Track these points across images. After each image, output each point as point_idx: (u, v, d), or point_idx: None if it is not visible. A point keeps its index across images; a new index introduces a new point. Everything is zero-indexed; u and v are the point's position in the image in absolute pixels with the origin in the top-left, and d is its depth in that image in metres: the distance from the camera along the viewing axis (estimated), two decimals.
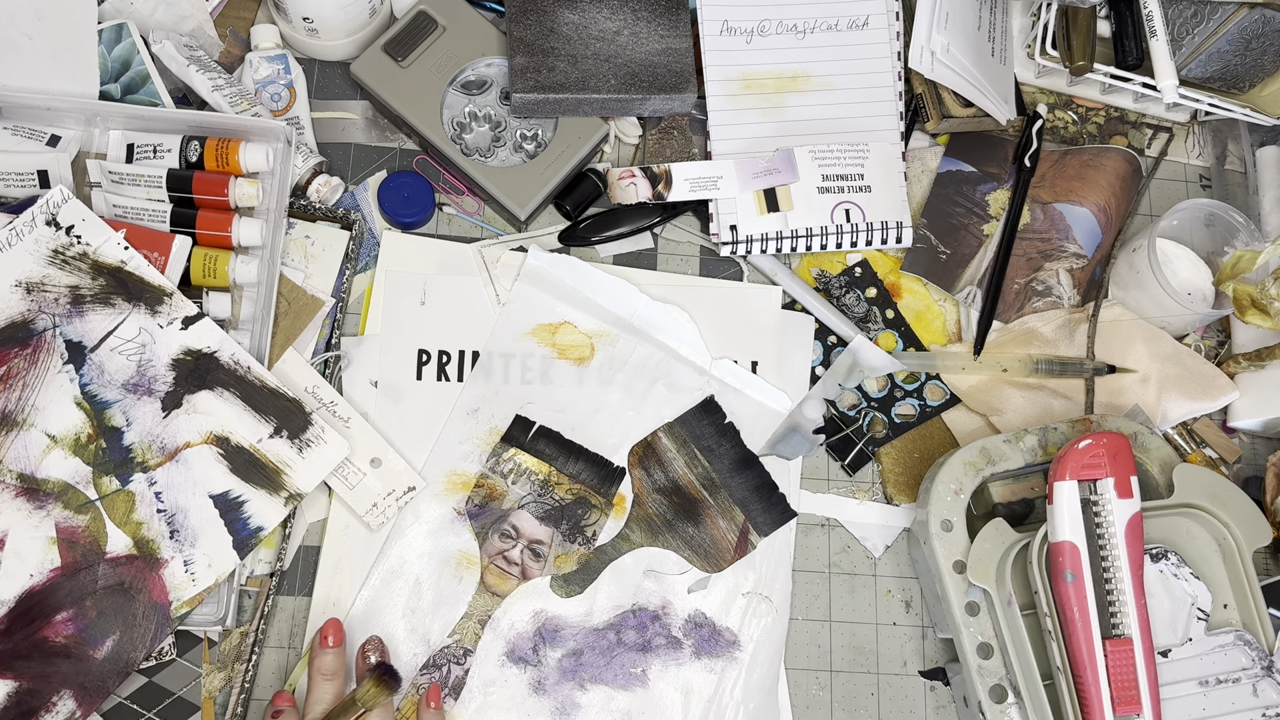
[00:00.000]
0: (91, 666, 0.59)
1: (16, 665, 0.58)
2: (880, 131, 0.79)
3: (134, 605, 0.60)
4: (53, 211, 0.65)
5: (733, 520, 0.71)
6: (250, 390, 0.65)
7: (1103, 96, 0.84)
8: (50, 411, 0.62)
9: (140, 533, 0.61)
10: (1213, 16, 0.76)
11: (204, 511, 0.62)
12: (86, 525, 0.61)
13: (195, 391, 0.64)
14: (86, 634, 0.59)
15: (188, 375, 0.64)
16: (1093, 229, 0.79)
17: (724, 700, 0.67)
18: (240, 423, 0.64)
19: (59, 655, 0.59)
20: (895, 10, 0.80)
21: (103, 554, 0.61)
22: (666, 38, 0.77)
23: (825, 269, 0.78)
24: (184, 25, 0.76)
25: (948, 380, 0.76)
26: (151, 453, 0.63)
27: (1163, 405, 0.75)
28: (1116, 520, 0.62)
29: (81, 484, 0.62)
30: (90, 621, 0.60)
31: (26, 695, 0.58)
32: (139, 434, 0.63)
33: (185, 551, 0.62)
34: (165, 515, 0.62)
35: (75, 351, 0.63)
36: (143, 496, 0.62)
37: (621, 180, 0.75)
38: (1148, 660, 0.61)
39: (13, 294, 0.63)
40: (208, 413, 0.64)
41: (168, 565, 0.61)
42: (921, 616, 0.72)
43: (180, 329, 0.65)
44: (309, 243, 0.74)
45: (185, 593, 0.61)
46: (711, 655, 0.68)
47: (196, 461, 0.63)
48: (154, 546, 0.61)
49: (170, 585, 0.61)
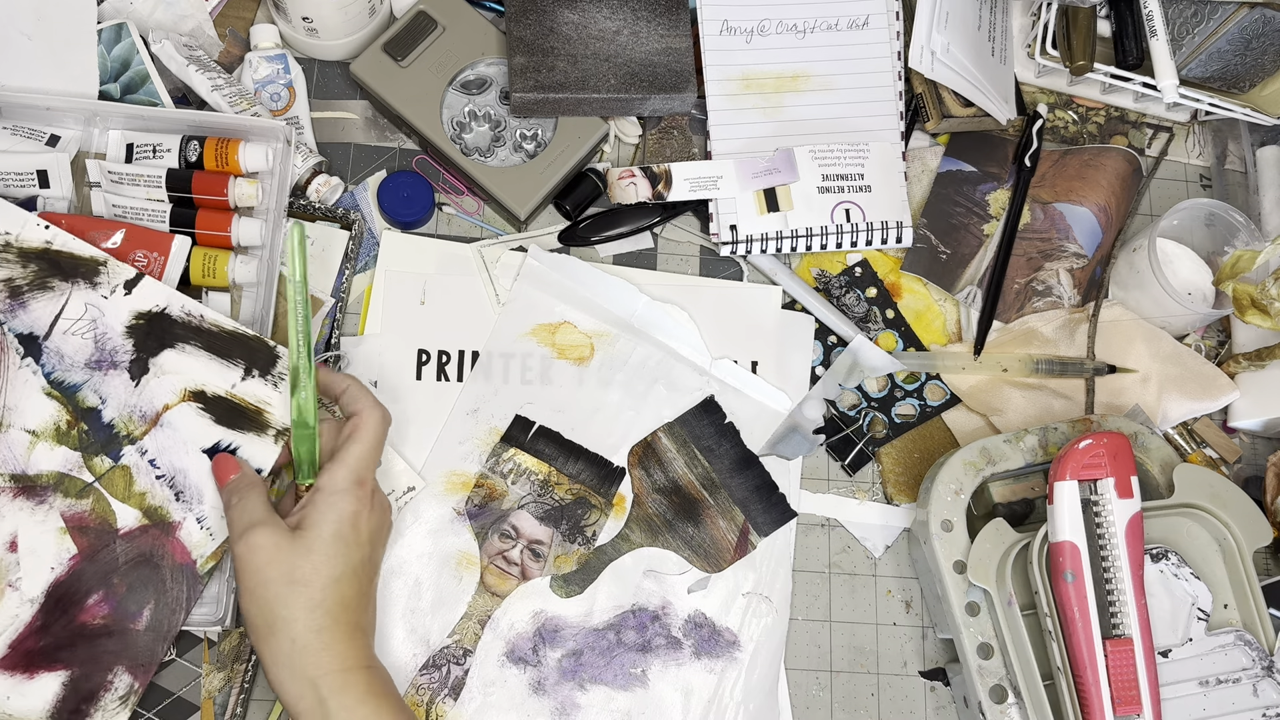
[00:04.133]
0: (136, 639, 0.60)
1: (63, 655, 0.59)
2: (880, 131, 0.79)
3: (160, 572, 0.61)
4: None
5: (733, 520, 0.71)
6: (210, 338, 0.64)
7: (1103, 96, 0.84)
8: (23, 408, 0.62)
9: (146, 502, 0.61)
10: (1213, 16, 0.76)
11: (202, 467, 0.62)
12: (92, 508, 0.61)
13: (158, 353, 0.63)
14: (122, 610, 0.60)
15: (145, 339, 0.63)
16: (1093, 229, 0.79)
17: (724, 700, 0.67)
18: (210, 373, 0.63)
19: (101, 636, 0.60)
20: (895, 10, 0.80)
21: (116, 531, 0.61)
22: (666, 37, 0.77)
23: (825, 269, 0.78)
24: (183, 25, 0.76)
25: (948, 380, 0.76)
26: (134, 423, 0.62)
27: (1163, 405, 0.75)
28: (1117, 520, 0.62)
29: (75, 470, 0.61)
30: (122, 597, 0.60)
31: (82, 680, 0.59)
32: (116, 408, 0.62)
33: (195, 509, 0.62)
34: (165, 480, 0.62)
35: (29, 344, 0.62)
36: (138, 467, 0.62)
37: (621, 180, 0.74)
38: (1148, 660, 0.61)
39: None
40: (177, 371, 0.63)
41: (182, 527, 0.61)
42: (922, 617, 0.72)
43: (124, 295, 0.63)
44: (308, 243, 0.73)
45: (206, 549, 0.62)
46: (711, 655, 0.68)
47: (180, 421, 0.63)
48: (163, 512, 0.61)
49: (190, 545, 0.61)
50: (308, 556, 0.56)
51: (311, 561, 0.55)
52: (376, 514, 0.60)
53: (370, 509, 0.59)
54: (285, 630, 0.54)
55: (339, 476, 0.58)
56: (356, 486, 0.58)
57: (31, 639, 0.59)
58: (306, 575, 0.55)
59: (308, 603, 0.55)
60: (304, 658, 0.54)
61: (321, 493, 0.58)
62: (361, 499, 0.58)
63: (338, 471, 0.58)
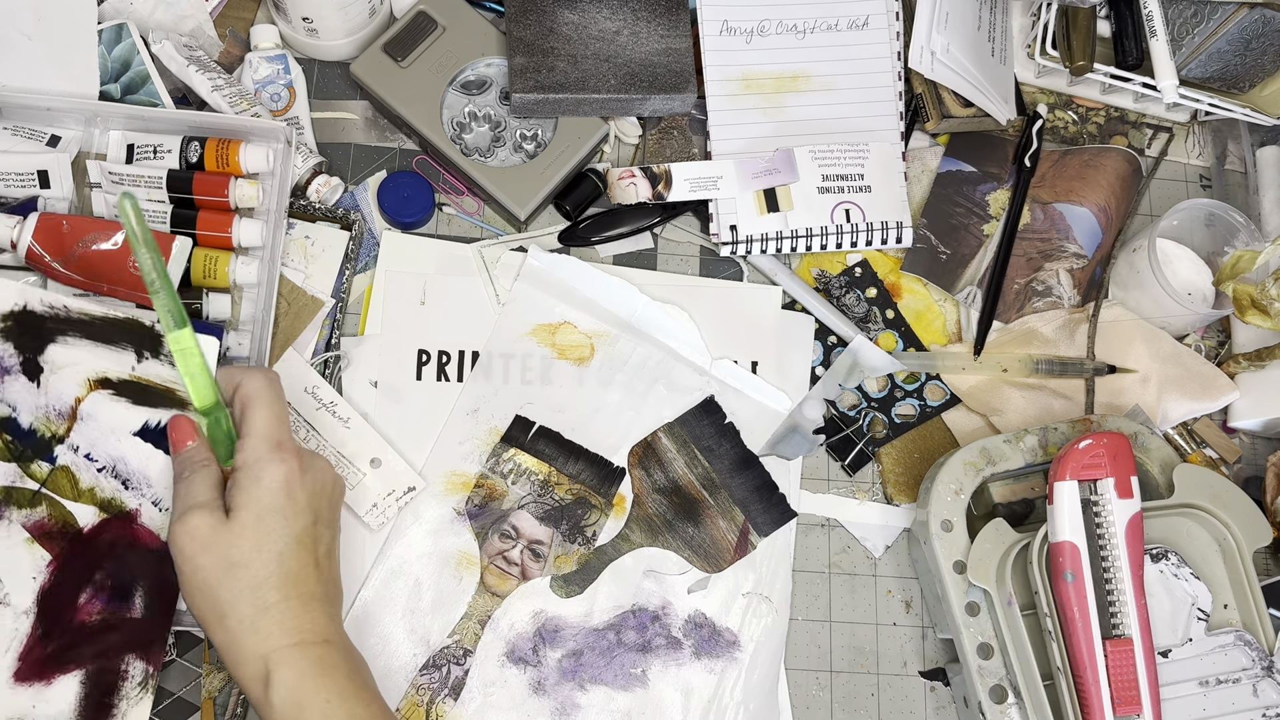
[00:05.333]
0: (137, 625, 0.60)
1: (72, 656, 0.59)
2: (880, 131, 0.79)
3: (137, 558, 0.60)
4: None
5: (733, 520, 0.71)
6: (85, 327, 0.61)
7: (1103, 96, 0.84)
8: None
9: (98, 497, 0.61)
10: (1212, 16, 0.76)
11: (139, 450, 0.61)
12: (49, 513, 0.60)
13: (43, 349, 0.61)
14: (114, 602, 0.60)
15: (21, 338, 0.60)
16: (1093, 229, 0.79)
17: (724, 701, 0.67)
18: (103, 360, 0.61)
19: (103, 630, 0.59)
20: (895, 10, 0.80)
21: (80, 530, 0.60)
22: (666, 38, 0.77)
23: (825, 269, 0.78)
24: (183, 25, 0.76)
25: (948, 380, 0.76)
26: (53, 422, 0.61)
27: (1163, 405, 0.75)
28: (1117, 520, 0.62)
29: (17, 481, 0.60)
30: (110, 590, 0.60)
31: (97, 675, 0.59)
32: (30, 411, 0.60)
33: (147, 493, 0.61)
34: (107, 471, 0.61)
35: None
36: (76, 465, 0.61)
37: (621, 180, 0.74)
38: (1148, 660, 0.61)
39: None
40: (70, 363, 0.61)
41: (141, 513, 0.61)
42: (921, 617, 0.72)
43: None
44: (309, 243, 0.74)
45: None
46: (711, 655, 0.68)
47: (98, 410, 0.60)
48: (118, 503, 0.61)
49: (155, 528, 0.61)
50: (242, 536, 0.53)
51: (247, 541, 0.53)
52: (312, 474, 0.57)
53: (301, 470, 0.56)
54: (232, 613, 0.52)
55: (251, 447, 0.56)
56: (274, 451, 0.55)
57: (38, 648, 0.59)
58: (244, 556, 0.53)
59: (250, 582, 0.53)
60: (252, 637, 0.52)
61: (241, 470, 0.55)
62: (286, 463, 0.55)
63: (248, 443, 0.56)
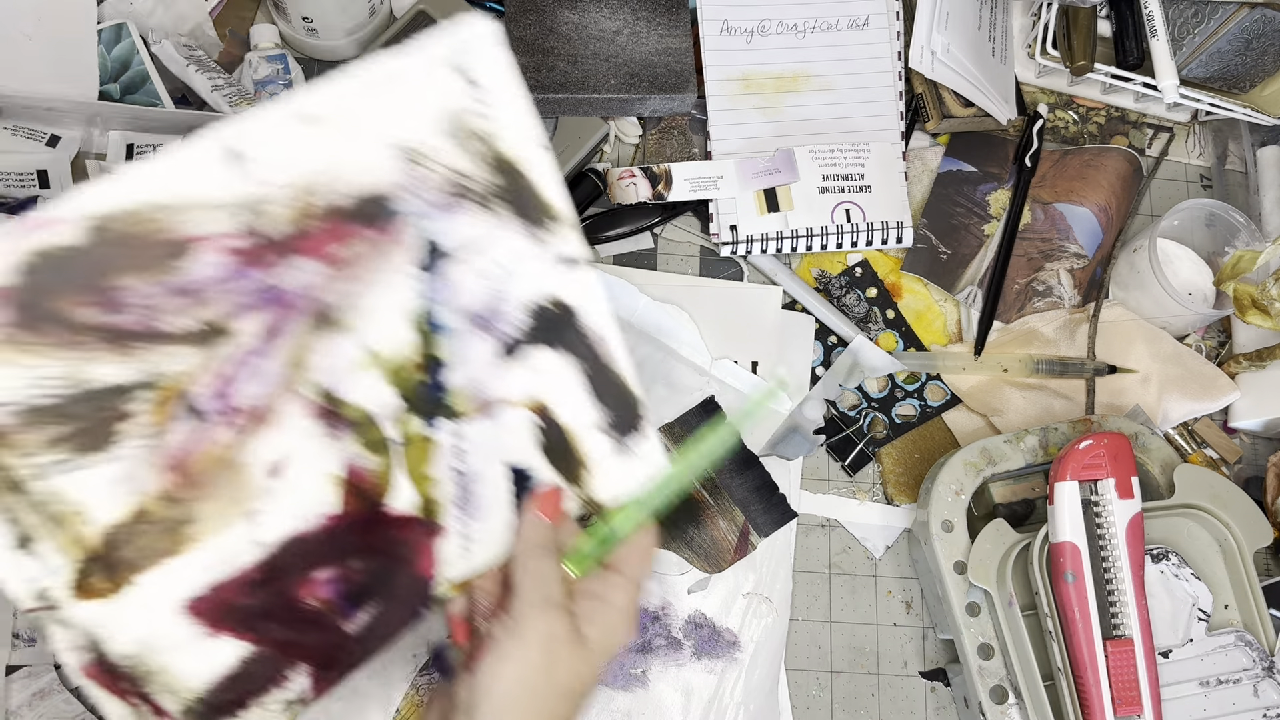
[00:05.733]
0: (339, 640, 0.49)
1: (259, 626, 0.47)
2: (880, 131, 0.79)
3: (398, 574, 0.50)
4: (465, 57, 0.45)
5: (733, 521, 0.71)
6: (598, 367, 0.51)
7: (1103, 96, 0.84)
8: (378, 320, 0.47)
9: (428, 490, 0.49)
10: (1213, 16, 0.76)
11: (498, 483, 0.50)
12: (376, 469, 0.49)
13: (540, 346, 0.50)
14: (342, 601, 0.49)
15: (542, 326, 0.50)
16: (1093, 229, 0.79)
17: (724, 701, 0.67)
18: (571, 398, 0.51)
19: (307, 622, 0.48)
20: (895, 10, 0.80)
21: (383, 509, 0.49)
22: (666, 37, 0.77)
23: (825, 269, 0.78)
24: (183, 25, 0.76)
25: (948, 380, 0.76)
26: (468, 400, 0.49)
27: (1164, 405, 0.75)
28: (1117, 521, 0.62)
29: (385, 419, 0.48)
30: (350, 586, 0.49)
31: (259, 663, 0.48)
32: (463, 375, 0.49)
33: (467, 524, 0.50)
34: (460, 477, 0.50)
35: (432, 255, 0.47)
36: (443, 448, 0.49)
37: (621, 180, 0.74)
38: (1149, 661, 0.61)
39: (386, 155, 0.45)
40: (544, 374, 0.50)
41: (444, 535, 0.50)
42: (922, 617, 0.71)
43: (555, 269, 0.49)
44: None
45: (454, 571, 0.50)
46: (712, 656, 0.68)
47: (510, 424, 0.50)
48: (437, 509, 0.50)
49: (440, 559, 0.50)
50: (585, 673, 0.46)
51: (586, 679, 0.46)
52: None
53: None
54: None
55: (630, 596, 0.49)
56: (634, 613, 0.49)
57: (238, 591, 0.47)
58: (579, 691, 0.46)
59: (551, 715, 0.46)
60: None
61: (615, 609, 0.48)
62: (635, 629, 0.49)
63: (625, 588, 0.49)
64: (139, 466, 0.44)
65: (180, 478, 0.45)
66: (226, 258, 0.44)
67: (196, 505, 0.45)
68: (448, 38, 0.45)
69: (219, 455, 0.45)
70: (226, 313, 0.44)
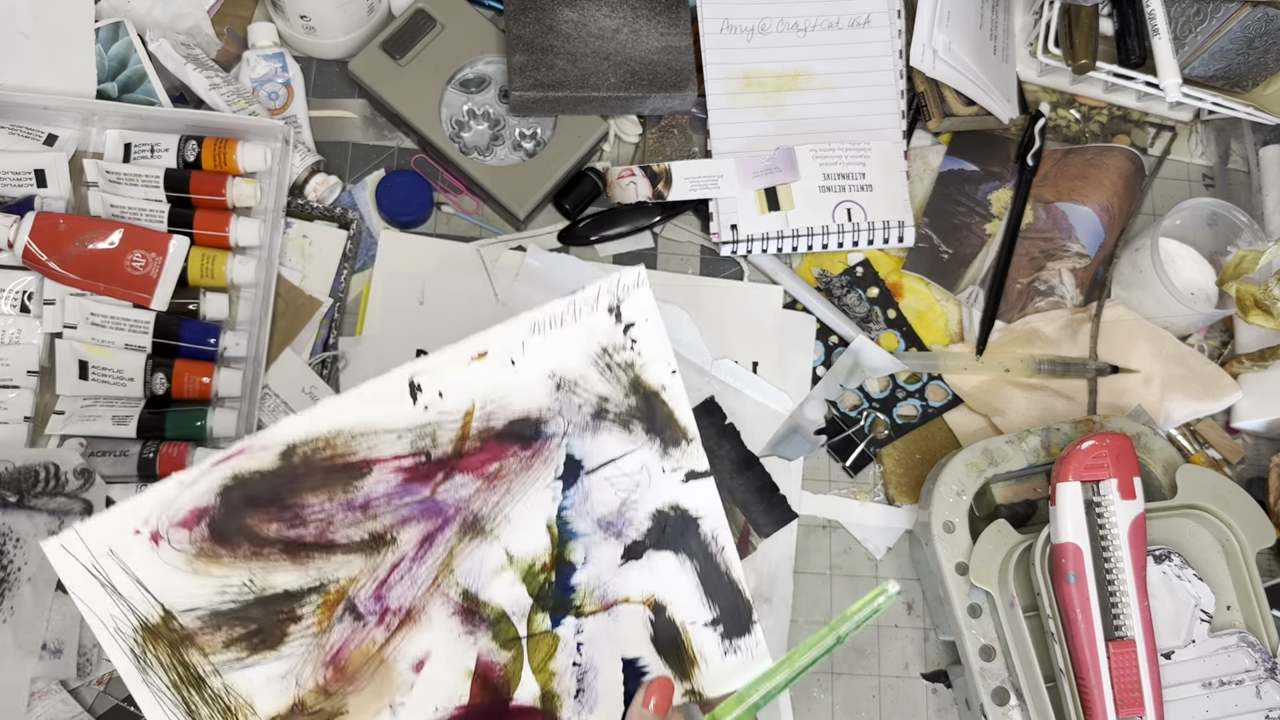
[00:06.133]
0: None
1: None
2: (882, 130, 0.78)
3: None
4: (620, 298, 0.52)
5: (733, 521, 0.71)
6: (711, 570, 0.55)
7: (1105, 95, 0.84)
8: (519, 528, 0.52)
9: (550, 684, 0.53)
10: (1215, 15, 0.75)
11: (613, 675, 0.54)
12: (506, 664, 0.52)
13: (661, 549, 0.55)
14: None
15: (662, 531, 0.55)
16: (1095, 228, 0.79)
17: None
18: (685, 597, 0.55)
19: None
20: (897, 8, 0.80)
21: (509, 700, 0.52)
22: (666, 35, 0.76)
23: (826, 268, 0.78)
24: (181, 23, 0.76)
25: (950, 381, 0.76)
26: (591, 599, 0.54)
27: (1166, 406, 0.75)
28: (1119, 521, 0.62)
29: (518, 616, 0.52)
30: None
31: None
32: (590, 576, 0.54)
33: (582, 715, 0.53)
34: (579, 671, 0.53)
35: (571, 470, 0.53)
36: (566, 644, 0.53)
37: (621, 179, 0.74)
38: (1151, 662, 0.61)
39: (544, 383, 0.51)
40: (661, 575, 0.55)
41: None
42: (923, 618, 0.71)
43: (681, 481, 0.54)
44: (306, 242, 0.73)
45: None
46: None
47: (627, 620, 0.54)
48: (557, 702, 0.53)
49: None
50: None
51: None
52: None
53: None
54: None
55: None
56: None
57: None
58: None
59: None
60: None
61: None
62: None
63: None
64: (302, 663, 0.49)
65: (336, 673, 0.49)
66: (396, 475, 0.49)
67: (348, 699, 0.50)
68: (606, 284, 0.51)
69: (371, 652, 0.50)
70: (391, 524, 0.50)
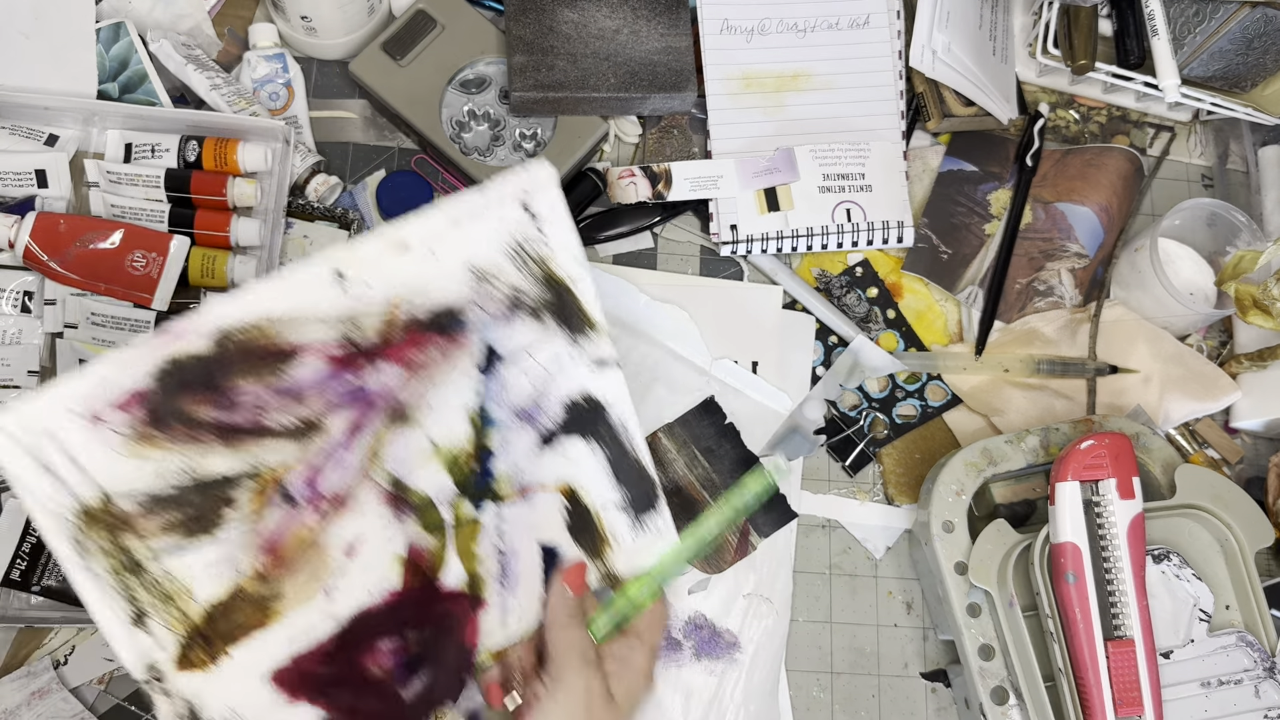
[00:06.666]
0: (395, 708, 0.54)
1: (330, 693, 0.52)
2: (881, 130, 0.78)
3: (446, 645, 0.55)
4: (528, 191, 0.54)
5: None
6: (620, 454, 0.58)
7: (1104, 96, 0.84)
8: (442, 416, 0.54)
9: (475, 567, 0.56)
10: (1214, 15, 0.75)
11: (532, 559, 0.57)
12: (432, 549, 0.55)
13: (572, 435, 0.58)
14: (400, 670, 0.54)
15: (575, 419, 0.57)
16: (1094, 228, 0.79)
17: (724, 702, 0.67)
18: (595, 482, 0.58)
19: (369, 690, 0.53)
20: (896, 9, 0.80)
21: (437, 585, 0.55)
22: (666, 36, 0.76)
23: (826, 269, 0.78)
24: (182, 24, 0.76)
25: (949, 380, 0.76)
26: (509, 485, 0.57)
27: (1165, 406, 0.75)
28: (1118, 521, 0.62)
29: (442, 503, 0.55)
30: (407, 656, 0.54)
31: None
32: (507, 463, 0.56)
33: (505, 598, 0.56)
34: (502, 555, 0.56)
35: (490, 359, 0.55)
36: (488, 529, 0.56)
37: (621, 179, 0.74)
38: (1150, 661, 0.61)
39: (462, 275, 0.54)
40: (573, 461, 0.58)
41: (487, 608, 0.56)
42: (923, 618, 0.71)
43: (590, 370, 0.57)
44: (307, 242, 0.73)
45: (493, 640, 0.56)
46: (712, 657, 0.68)
47: (542, 506, 0.57)
48: (481, 585, 0.56)
49: (483, 630, 0.56)
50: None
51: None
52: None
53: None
54: None
55: (643, 660, 0.54)
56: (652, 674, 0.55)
57: (314, 661, 0.52)
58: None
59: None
60: None
61: (638, 672, 0.54)
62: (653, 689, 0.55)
63: (643, 655, 0.54)
64: (238, 549, 0.50)
65: (271, 558, 0.51)
66: (324, 363, 0.51)
67: (283, 583, 0.51)
68: (515, 179, 0.54)
69: (305, 537, 0.52)
70: (320, 411, 0.51)
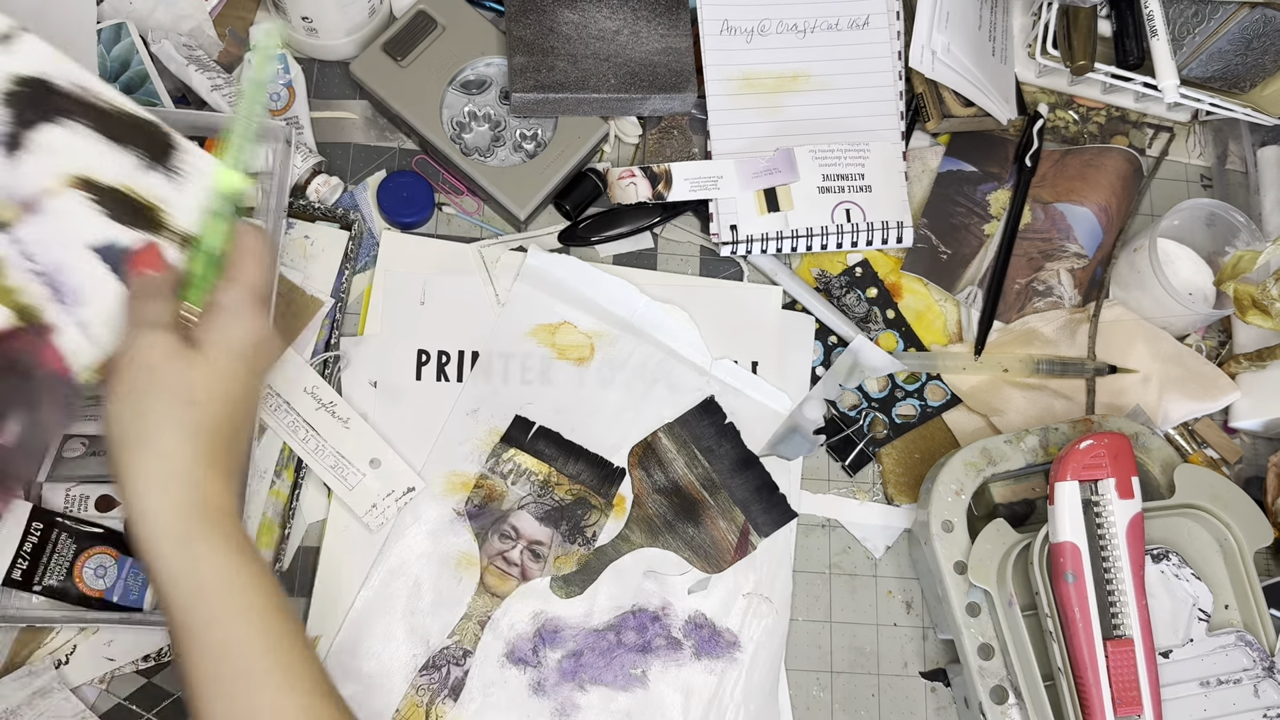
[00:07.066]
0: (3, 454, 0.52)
1: None
2: (881, 131, 0.78)
3: (31, 381, 0.53)
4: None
5: (733, 521, 0.71)
6: (102, 117, 0.53)
7: (1104, 96, 0.84)
8: None
9: (17, 299, 0.52)
10: (1213, 16, 0.76)
11: (87, 266, 0.53)
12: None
13: (39, 126, 0.53)
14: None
15: (25, 109, 0.53)
16: (1094, 229, 0.79)
17: (724, 702, 0.67)
18: (100, 158, 0.54)
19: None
20: (896, 9, 0.80)
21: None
22: (666, 37, 0.77)
23: (826, 269, 0.78)
24: (183, 25, 0.76)
25: (949, 380, 0.76)
26: (6, 207, 0.52)
27: (1164, 405, 0.75)
28: (1118, 521, 0.62)
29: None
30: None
31: None
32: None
33: (76, 313, 0.53)
34: (42, 277, 0.53)
35: None
36: (9, 259, 0.52)
37: (621, 180, 0.74)
38: (1149, 661, 0.61)
39: None
40: (61, 151, 0.53)
41: (58, 331, 0.53)
42: (922, 617, 0.71)
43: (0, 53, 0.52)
44: (308, 242, 0.73)
45: (87, 357, 0.54)
46: (712, 656, 0.68)
47: (65, 211, 0.53)
48: (37, 313, 0.53)
49: (66, 352, 0.53)
50: (208, 373, 0.51)
51: (210, 380, 0.51)
52: (272, 340, 0.55)
53: (269, 334, 0.55)
54: (160, 445, 0.50)
55: (237, 293, 0.53)
56: (260, 305, 0.54)
57: None
58: (201, 395, 0.51)
59: (194, 425, 0.50)
60: (177, 482, 0.49)
61: (226, 311, 0.53)
62: (264, 321, 0.54)
63: (234, 289, 0.53)
64: None
65: None
66: None
67: None
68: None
69: None
70: None
